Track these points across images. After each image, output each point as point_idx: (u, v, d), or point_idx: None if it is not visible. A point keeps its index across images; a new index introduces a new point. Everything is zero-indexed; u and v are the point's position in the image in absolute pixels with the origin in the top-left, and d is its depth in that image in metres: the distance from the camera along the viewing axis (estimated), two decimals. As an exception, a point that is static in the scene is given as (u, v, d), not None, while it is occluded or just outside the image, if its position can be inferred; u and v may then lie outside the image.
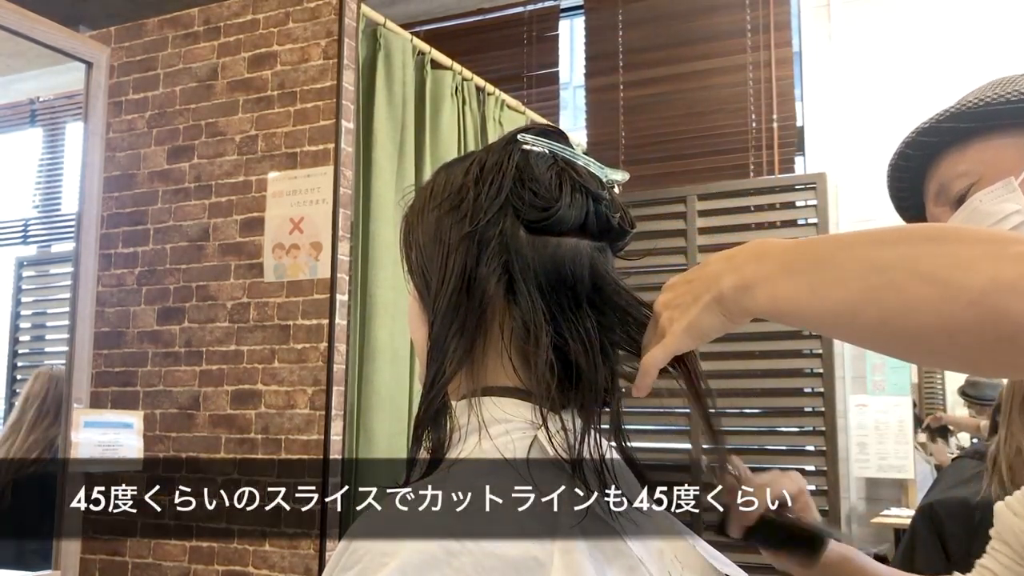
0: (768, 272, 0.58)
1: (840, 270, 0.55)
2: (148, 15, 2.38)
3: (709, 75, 3.62)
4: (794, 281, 0.57)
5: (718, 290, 0.61)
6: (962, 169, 0.82)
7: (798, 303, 0.57)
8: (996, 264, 0.48)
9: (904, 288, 0.51)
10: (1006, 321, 0.47)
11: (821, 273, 0.56)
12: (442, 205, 0.69)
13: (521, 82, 4.00)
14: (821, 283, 0.56)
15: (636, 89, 3.75)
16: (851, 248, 0.55)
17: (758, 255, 0.60)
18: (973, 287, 0.48)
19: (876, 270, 0.53)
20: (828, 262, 0.56)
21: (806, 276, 0.56)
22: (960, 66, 3.12)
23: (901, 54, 3.31)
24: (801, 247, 0.59)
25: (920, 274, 0.51)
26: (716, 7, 3.64)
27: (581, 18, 3.99)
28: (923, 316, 0.51)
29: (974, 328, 0.49)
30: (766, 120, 3.50)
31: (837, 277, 0.55)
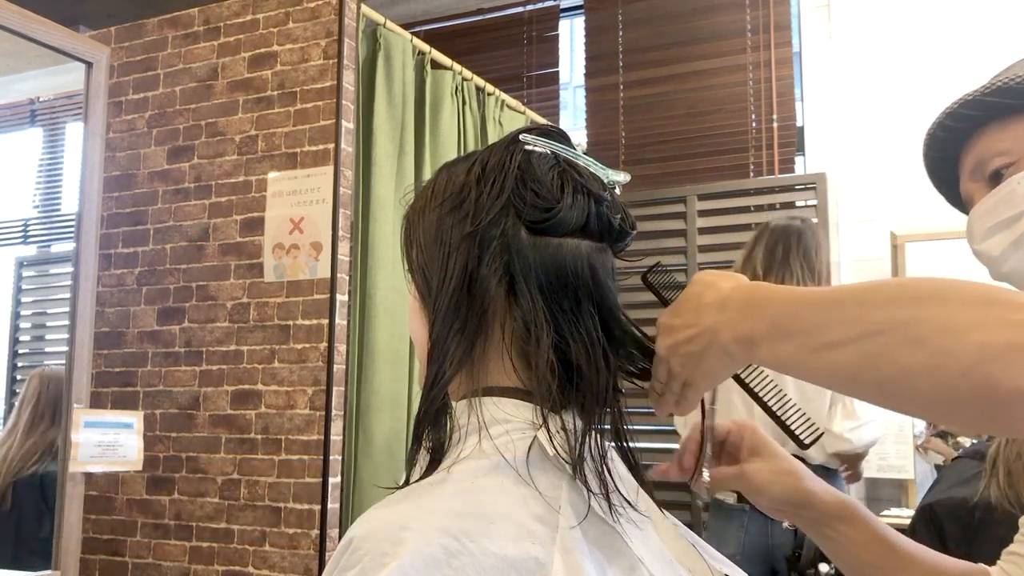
0: (765, 331, 0.60)
1: (833, 334, 0.55)
2: (148, 15, 2.38)
3: (709, 75, 3.62)
4: (792, 343, 0.58)
5: (721, 344, 0.63)
6: (1002, 147, 0.79)
7: (799, 363, 0.58)
8: (985, 331, 0.48)
9: (897, 355, 0.51)
10: (999, 391, 0.47)
11: (816, 336, 0.57)
12: (443, 205, 0.69)
13: (521, 82, 4.00)
14: (818, 346, 0.56)
15: (636, 89, 3.75)
16: (842, 308, 0.56)
17: (751, 308, 0.61)
18: (964, 356, 0.48)
19: (868, 335, 0.53)
20: (821, 325, 0.56)
21: (803, 339, 0.57)
22: (960, 66, 3.11)
23: (901, 54, 3.31)
24: (791, 303, 0.59)
25: (911, 340, 0.51)
26: (716, 7, 3.64)
27: (581, 18, 3.99)
28: (920, 383, 0.51)
29: (970, 398, 0.48)
30: (766, 120, 3.50)
31: (832, 341, 0.55)
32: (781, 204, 3.39)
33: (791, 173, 3.47)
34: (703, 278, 0.68)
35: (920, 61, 3.25)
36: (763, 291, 0.62)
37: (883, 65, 3.34)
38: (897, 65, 3.31)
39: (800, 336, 0.57)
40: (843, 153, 3.36)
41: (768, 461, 0.78)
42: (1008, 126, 0.79)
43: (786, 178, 3.45)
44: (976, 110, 0.80)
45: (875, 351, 0.52)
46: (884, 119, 3.29)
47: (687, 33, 3.68)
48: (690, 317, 0.66)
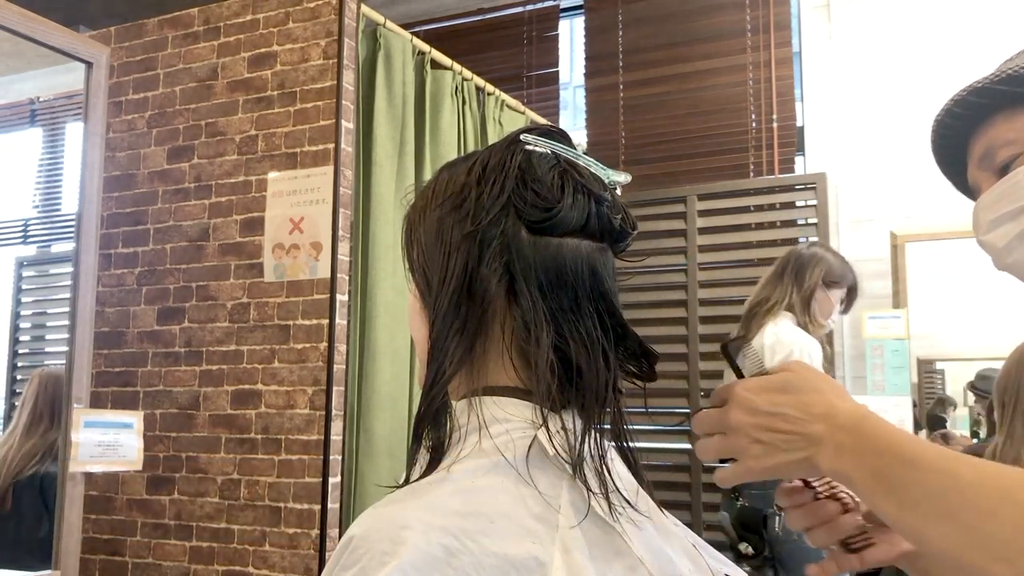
0: (866, 478, 0.57)
1: (941, 516, 0.53)
2: (148, 15, 2.38)
3: (709, 75, 3.62)
4: (889, 502, 0.56)
5: (815, 460, 0.60)
6: (1011, 136, 0.78)
7: (887, 517, 0.57)
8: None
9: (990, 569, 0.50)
10: None
11: (920, 510, 0.55)
12: (444, 204, 0.69)
13: (521, 82, 4.00)
14: (917, 519, 0.55)
15: (636, 89, 3.75)
16: (959, 493, 0.53)
17: (860, 444, 0.59)
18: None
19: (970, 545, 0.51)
20: (930, 501, 0.54)
21: (906, 511, 0.55)
22: (961, 65, 3.11)
23: (901, 54, 3.31)
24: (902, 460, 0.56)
25: (1018, 571, 0.49)
26: (716, 7, 3.64)
27: (581, 18, 3.99)
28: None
29: None
30: (766, 120, 3.50)
31: (936, 526, 0.54)
32: (781, 204, 3.39)
33: (791, 173, 3.47)
34: (806, 374, 0.64)
35: (920, 61, 3.26)
36: (880, 430, 0.59)
37: (883, 65, 3.34)
38: (897, 65, 3.31)
39: (905, 508, 0.55)
40: (843, 153, 3.36)
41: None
42: (1017, 115, 0.78)
43: (786, 178, 3.45)
44: (985, 98, 0.79)
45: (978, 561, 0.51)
46: (884, 119, 3.29)
47: (687, 33, 3.68)
48: (790, 411, 0.62)
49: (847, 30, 3.43)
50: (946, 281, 3.07)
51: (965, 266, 3.00)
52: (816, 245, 2.59)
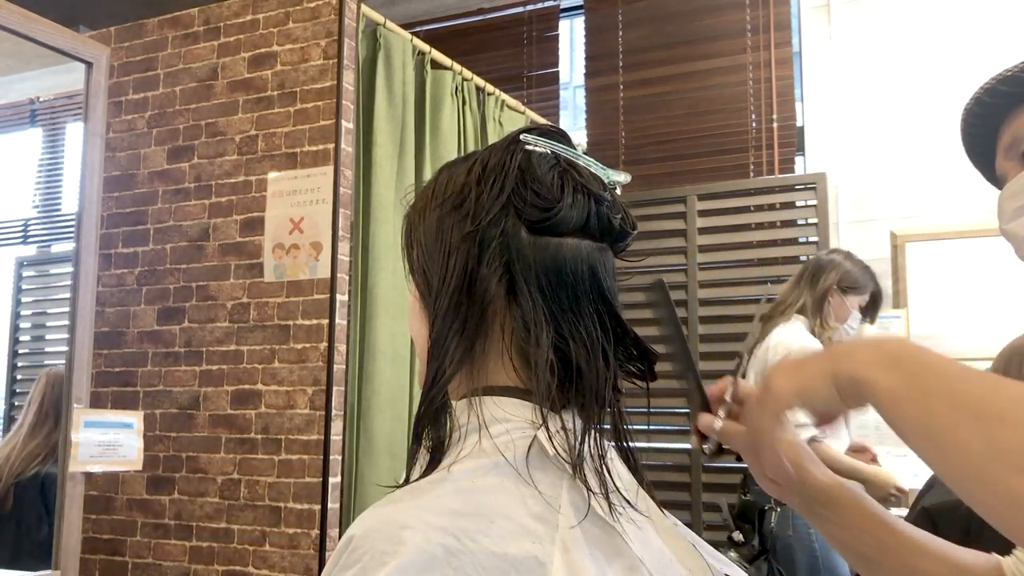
0: (895, 383, 0.57)
1: (955, 423, 0.53)
2: (148, 15, 2.38)
3: (709, 75, 3.62)
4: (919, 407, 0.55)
5: (836, 369, 0.60)
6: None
7: (908, 423, 0.56)
8: None
9: (1011, 488, 0.49)
10: None
11: (937, 418, 0.54)
12: (444, 204, 0.69)
13: (521, 82, 4.00)
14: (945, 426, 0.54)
15: (636, 89, 3.75)
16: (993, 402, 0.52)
17: (893, 353, 0.58)
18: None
19: (990, 451, 0.50)
20: (951, 410, 0.53)
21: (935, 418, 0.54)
22: (960, 65, 3.12)
23: (901, 54, 3.31)
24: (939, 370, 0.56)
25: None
26: (716, 7, 3.64)
27: (581, 18, 3.99)
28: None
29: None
30: (766, 120, 3.50)
31: (950, 429, 0.53)
32: (781, 204, 3.39)
33: (791, 173, 3.47)
34: None
35: (920, 61, 3.26)
36: (900, 341, 0.60)
37: (883, 65, 3.34)
38: (897, 65, 3.31)
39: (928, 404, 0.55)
40: (843, 153, 3.36)
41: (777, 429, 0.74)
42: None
43: (786, 178, 3.45)
44: (1015, 87, 0.78)
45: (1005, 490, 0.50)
46: (884, 119, 3.29)
47: (687, 33, 3.68)
48: (815, 352, 0.64)
49: (847, 30, 3.43)
50: (946, 281, 3.07)
51: (965, 266, 3.00)
52: (836, 251, 2.61)
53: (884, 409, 0.57)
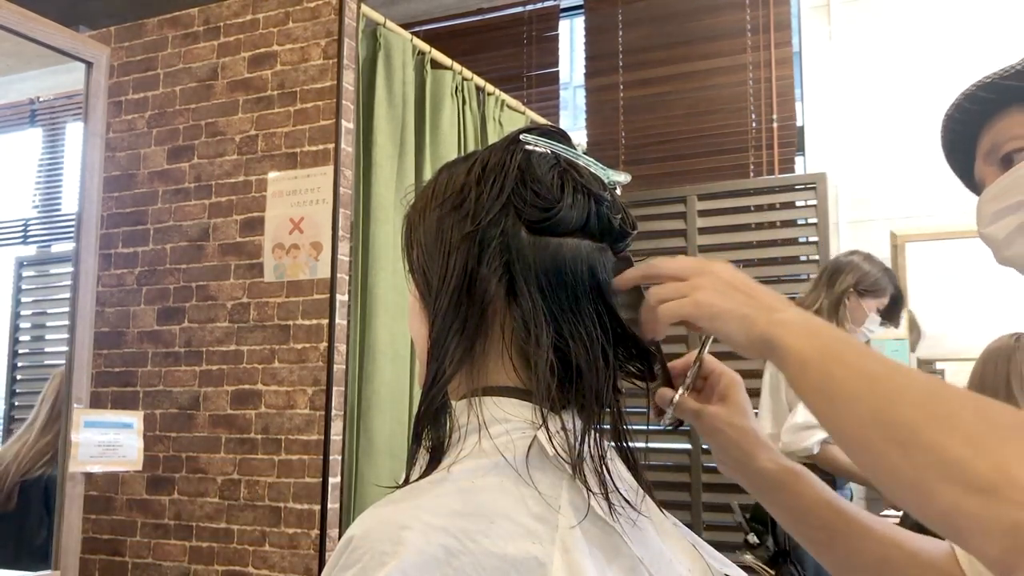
0: (809, 352, 0.60)
1: (852, 396, 0.56)
2: (148, 15, 2.38)
3: (709, 75, 3.62)
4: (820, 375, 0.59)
5: (754, 320, 0.63)
6: (1017, 131, 0.79)
7: (814, 392, 0.59)
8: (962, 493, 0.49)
9: (892, 460, 0.53)
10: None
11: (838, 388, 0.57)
12: (444, 204, 0.69)
13: (521, 82, 4.00)
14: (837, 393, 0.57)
15: (636, 89, 3.75)
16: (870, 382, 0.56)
17: (812, 326, 0.62)
18: (939, 502, 0.50)
19: (878, 423, 0.54)
20: (850, 383, 0.57)
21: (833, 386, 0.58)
22: (960, 65, 3.11)
23: (901, 54, 3.31)
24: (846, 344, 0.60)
25: (909, 458, 0.52)
26: (716, 7, 3.64)
27: (581, 18, 3.99)
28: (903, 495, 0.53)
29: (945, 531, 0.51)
30: (766, 120, 3.50)
31: (847, 400, 0.56)
32: (781, 204, 3.39)
33: (791, 173, 3.47)
34: None
35: (920, 61, 3.26)
36: (824, 327, 0.63)
37: (883, 65, 3.34)
38: (897, 65, 3.31)
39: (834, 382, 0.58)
40: (843, 153, 3.36)
41: (728, 410, 0.77)
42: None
43: (786, 178, 3.45)
44: (994, 93, 0.79)
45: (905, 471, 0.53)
46: (884, 119, 3.29)
47: (687, 33, 3.68)
48: (759, 288, 0.66)
49: (847, 30, 3.43)
50: (946, 281, 3.07)
51: (965, 266, 3.00)
52: (855, 252, 2.61)
53: (789, 369, 0.61)
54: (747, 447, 0.77)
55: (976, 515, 0.48)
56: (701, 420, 0.76)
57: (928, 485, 0.50)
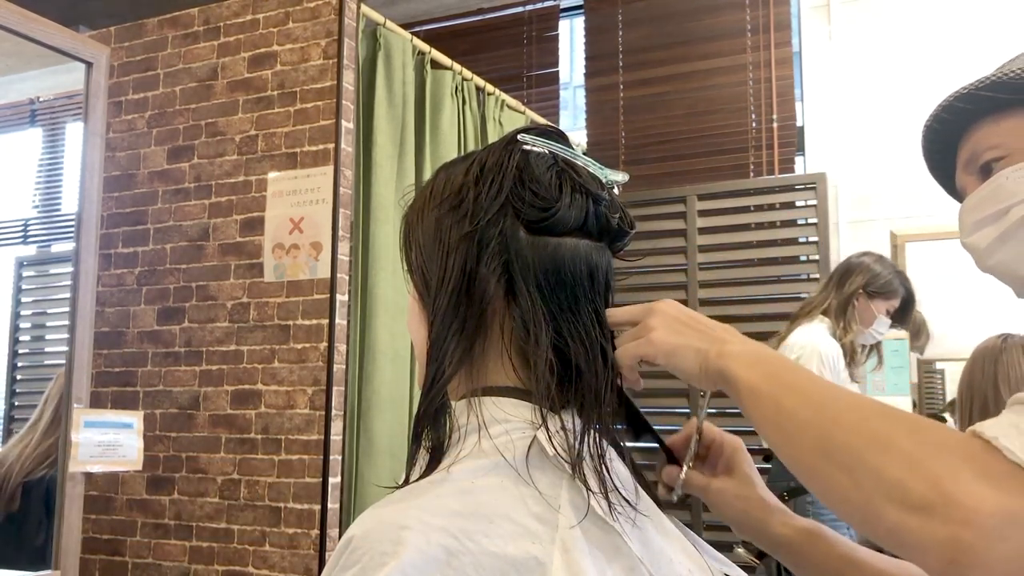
0: (756, 380, 0.63)
1: (796, 429, 0.59)
2: (148, 15, 2.38)
3: (709, 75, 3.62)
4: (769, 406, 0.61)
5: (708, 354, 0.66)
6: (994, 141, 0.79)
7: (764, 419, 0.62)
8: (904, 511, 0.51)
9: (841, 485, 0.55)
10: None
11: (783, 421, 0.60)
12: (442, 205, 0.69)
13: (521, 82, 4.00)
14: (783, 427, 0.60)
15: (636, 89, 3.75)
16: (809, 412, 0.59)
17: (759, 355, 0.65)
18: (885, 521, 0.53)
19: (821, 452, 0.57)
20: (792, 416, 0.59)
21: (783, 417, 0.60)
22: (960, 65, 3.12)
23: (901, 54, 3.31)
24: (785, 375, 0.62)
25: (854, 481, 0.54)
26: (716, 7, 3.64)
27: (581, 18, 3.99)
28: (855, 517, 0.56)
29: (894, 548, 0.54)
30: (766, 120, 3.50)
31: (791, 433, 0.59)
32: (781, 204, 3.39)
33: (791, 173, 3.47)
34: None
35: (920, 61, 3.26)
36: (769, 351, 0.66)
37: (883, 65, 3.34)
38: (897, 65, 3.31)
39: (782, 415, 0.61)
40: (843, 153, 3.36)
41: (736, 482, 0.80)
42: (1001, 120, 0.79)
43: (786, 178, 3.45)
44: (970, 103, 0.80)
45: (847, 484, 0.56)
46: (884, 119, 3.29)
47: (687, 33, 3.68)
48: (705, 321, 0.69)
49: (847, 30, 3.43)
50: (946, 281, 3.07)
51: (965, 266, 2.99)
52: (868, 253, 2.62)
53: (741, 398, 0.63)
54: (759, 515, 0.80)
55: (917, 532, 0.51)
56: (709, 495, 0.80)
57: (874, 507, 0.53)
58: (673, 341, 0.67)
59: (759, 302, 3.39)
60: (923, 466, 0.52)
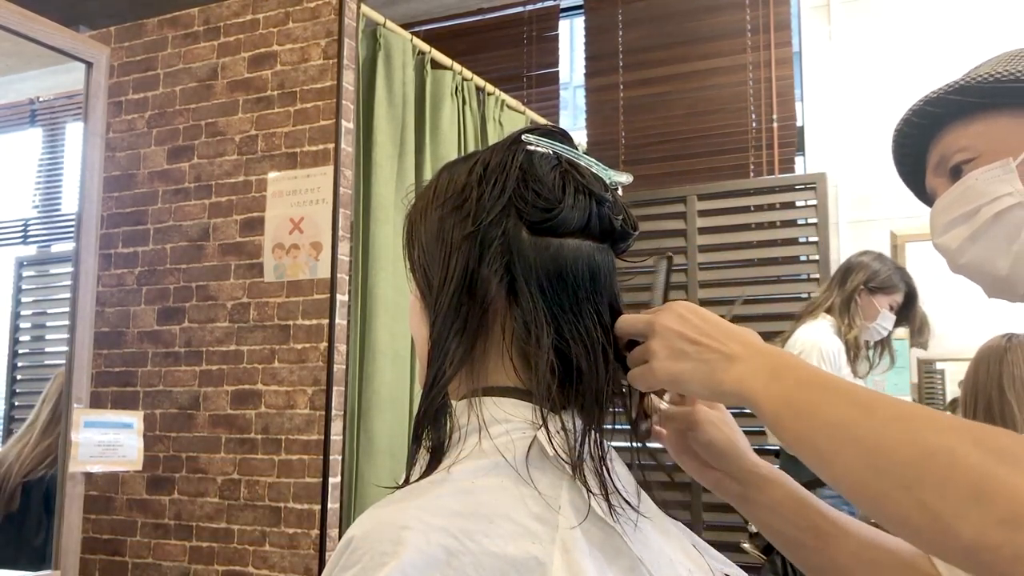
0: (776, 399, 0.60)
1: (838, 445, 0.56)
2: (148, 15, 2.38)
3: (709, 75, 3.62)
4: (799, 423, 0.58)
5: (719, 375, 0.63)
6: (964, 143, 0.81)
7: (791, 437, 0.59)
8: (984, 527, 0.49)
9: (899, 504, 0.52)
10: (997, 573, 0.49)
11: (820, 439, 0.57)
12: (445, 204, 0.69)
13: (521, 82, 4.00)
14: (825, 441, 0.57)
15: (636, 89, 3.75)
16: (870, 420, 0.55)
17: (778, 369, 0.61)
18: (961, 538, 0.49)
19: (873, 469, 0.54)
20: (831, 431, 0.56)
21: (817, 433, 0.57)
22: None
23: (901, 54, 3.31)
24: (820, 386, 0.59)
25: (916, 499, 0.51)
26: (716, 7, 3.64)
27: (581, 18, 3.99)
28: (919, 537, 0.53)
29: (970, 567, 0.51)
30: (766, 120, 3.50)
31: (834, 451, 0.56)
32: (781, 204, 3.39)
33: (791, 173, 3.47)
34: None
35: (920, 61, 3.25)
36: (789, 357, 0.63)
37: (883, 65, 3.34)
38: (897, 65, 3.31)
39: (809, 421, 0.58)
40: (843, 153, 3.36)
41: (718, 412, 0.78)
42: (971, 123, 0.81)
43: (786, 178, 3.45)
44: (940, 107, 0.82)
45: (877, 491, 0.53)
46: (884, 119, 3.28)
47: (687, 33, 3.68)
48: (714, 331, 0.65)
49: (847, 30, 3.43)
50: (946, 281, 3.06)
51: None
52: (867, 252, 2.66)
53: (766, 418, 0.60)
54: (736, 439, 0.78)
55: (1004, 548, 0.48)
56: (692, 416, 0.77)
57: (943, 525, 0.50)
58: (674, 369, 0.65)
59: (759, 302, 3.39)
60: (998, 478, 0.49)
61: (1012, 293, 0.81)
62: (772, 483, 0.78)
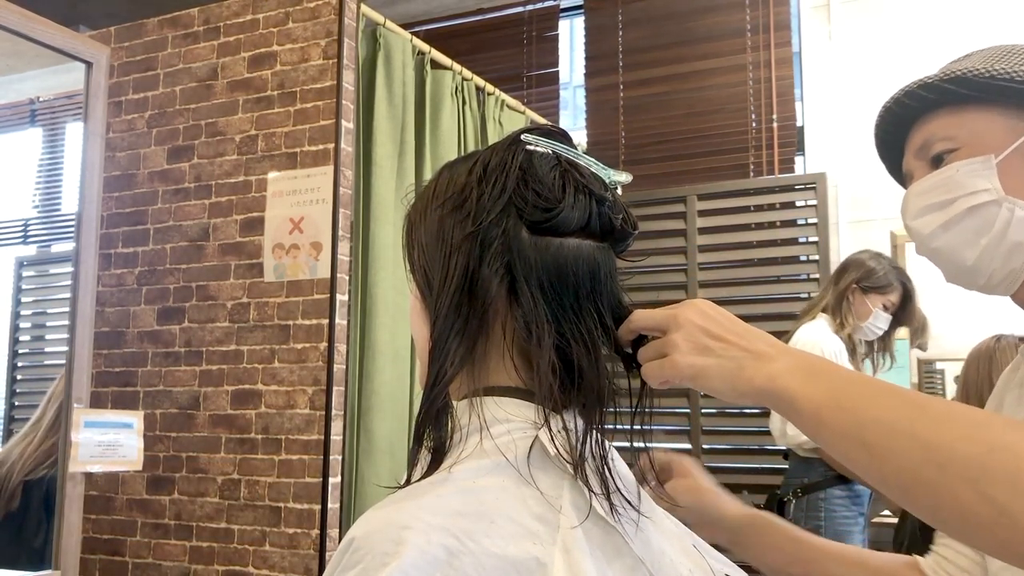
0: (816, 395, 0.59)
1: (891, 441, 0.55)
2: (148, 15, 2.38)
3: (709, 75, 3.62)
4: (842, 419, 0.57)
5: (748, 372, 0.62)
6: (950, 132, 0.82)
7: (830, 435, 0.58)
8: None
9: (962, 499, 0.51)
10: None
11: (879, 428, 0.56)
12: (445, 204, 0.69)
13: (521, 82, 4.00)
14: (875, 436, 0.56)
15: (636, 89, 3.75)
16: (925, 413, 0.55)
17: (814, 366, 0.61)
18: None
19: (934, 464, 0.53)
20: (881, 428, 0.56)
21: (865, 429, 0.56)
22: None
23: (901, 54, 3.31)
24: (864, 382, 0.59)
25: (982, 493, 0.51)
26: (716, 7, 3.64)
27: (581, 18, 3.99)
28: (980, 531, 0.52)
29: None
30: (766, 120, 3.50)
31: (887, 446, 0.55)
32: (781, 204, 3.39)
33: (791, 173, 3.47)
34: None
35: (920, 61, 3.25)
36: (828, 366, 0.62)
37: (883, 65, 3.34)
38: (897, 65, 3.31)
39: (856, 416, 0.57)
40: (843, 153, 3.36)
41: (687, 480, 0.86)
42: (959, 114, 0.82)
43: (786, 178, 3.45)
44: (933, 94, 0.83)
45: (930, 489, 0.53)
46: (884, 119, 3.29)
47: (687, 33, 3.68)
48: (739, 328, 0.65)
49: (847, 30, 3.43)
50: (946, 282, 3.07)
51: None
52: (864, 251, 2.66)
53: (803, 416, 0.59)
54: (712, 500, 0.86)
55: None
56: (667, 498, 0.85)
57: (1011, 519, 0.50)
58: (698, 363, 0.64)
59: (759, 302, 3.39)
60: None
61: (971, 282, 0.84)
62: (755, 528, 0.86)
